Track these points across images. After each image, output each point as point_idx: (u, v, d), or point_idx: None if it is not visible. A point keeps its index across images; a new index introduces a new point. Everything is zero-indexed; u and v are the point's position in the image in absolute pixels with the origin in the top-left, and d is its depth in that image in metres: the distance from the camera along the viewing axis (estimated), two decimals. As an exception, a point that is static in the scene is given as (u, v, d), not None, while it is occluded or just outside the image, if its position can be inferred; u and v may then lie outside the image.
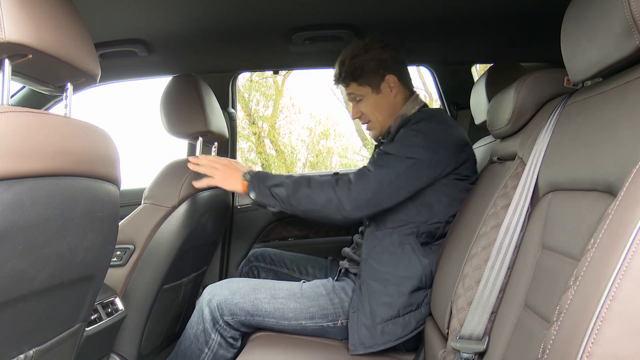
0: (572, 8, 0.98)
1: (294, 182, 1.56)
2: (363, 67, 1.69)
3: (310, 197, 1.53)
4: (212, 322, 1.59)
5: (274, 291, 1.62)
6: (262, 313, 1.59)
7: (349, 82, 1.73)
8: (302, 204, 1.54)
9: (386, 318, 1.52)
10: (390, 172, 1.51)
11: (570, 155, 0.96)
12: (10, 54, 0.87)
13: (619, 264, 0.59)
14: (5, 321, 0.90)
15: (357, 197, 1.50)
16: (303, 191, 1.54)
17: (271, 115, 10.38)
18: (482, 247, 1.22)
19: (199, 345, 1.60)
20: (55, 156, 0.90)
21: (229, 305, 1.58)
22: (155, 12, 1.66)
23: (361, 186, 1.51)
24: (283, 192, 1.55)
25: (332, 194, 1.51)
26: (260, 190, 1.58)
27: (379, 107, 1.73)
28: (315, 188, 1.53)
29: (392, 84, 1.72)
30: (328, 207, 1.52)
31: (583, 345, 0.59)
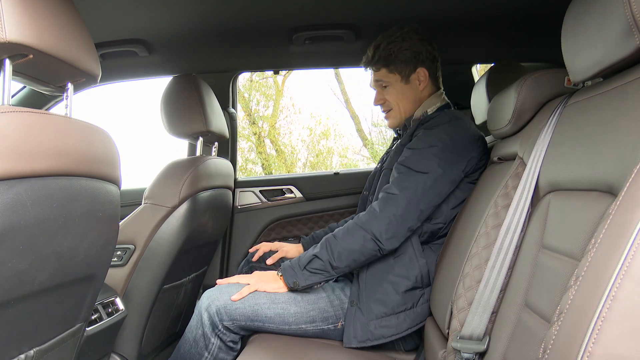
0: (572, 8, 0.98)
1: (323, 246, 1.53)
2: (397, 55, 1.69)
3: (346, 249, 1.51)
4: (211, 327, 1.58)
5: (274, 295, 1.61)
6: (262, 318, 1.58)
7: (380, 67, 1.73)
8: (343, 260, 1.51)
9: (379, 315, 1.52)
10: (417, 191, 1.51)
11: (570, 155, 0.96)
12: (11, 54, 0.88)
13: (619, 263, 0.59)
14: (6, 321, 0.90)
15: (388, 223, 1.49)
16: (336, 249, 1.51)
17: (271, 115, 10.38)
18: (482, 247, 1.22)
19: (199, 349, 1.60)
20: (56, 156, 0.90)
21: (229, 310, 1.57)
22: (155, 12, 1.66)
23: (390, 211, 1.50)
24: (320, 263, 1.53)
25: (362, 232, 1.50)
26: (300, 276, 1.55)
27: (404, 97, 1.74)
28: (346, 237, 1.51)
29: (421, 77, 1.72)
30: (367, 247, 1.49)
31: (584, 345, 0.59)
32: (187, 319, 1.95)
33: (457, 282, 1.25)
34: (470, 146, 1.58)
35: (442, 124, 1.59)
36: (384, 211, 1.50)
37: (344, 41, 1.93)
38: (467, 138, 1.59)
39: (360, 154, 10.52)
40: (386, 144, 10.33)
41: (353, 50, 2.05)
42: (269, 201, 2.44)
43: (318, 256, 1.53)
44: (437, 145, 1.54)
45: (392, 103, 1.75)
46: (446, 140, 1.55)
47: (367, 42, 1.97)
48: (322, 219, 2.41)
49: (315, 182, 2.46)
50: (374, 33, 1.90)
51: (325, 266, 1.52)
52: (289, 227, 2.43)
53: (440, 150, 1.53)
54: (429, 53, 1.73)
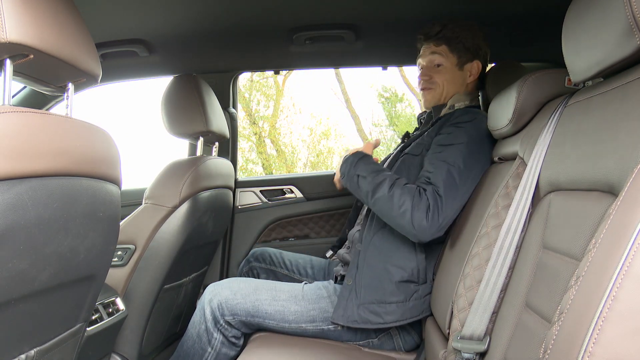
0: (573, 8, 0.98)
1: (378, 180, 1.50)
2: (462, 40, 1.71)
3: (386, 202, 1.47)
4: (213, 322, 1.59)
5: (275, 293, 1.62)
6: (263, 314, 1.59)
7: (441, 43, 1.72)
8: (377, 205, 1.50)
9: (371, 301, 1.53)
10: (460, 192, 1.48)
11: (571, 155, 0.96)
12: (11, 54, 0.88)
13: (620, 263, 0.59)
14: (7, 321, 0.90)
15: (432, 222, 1.44)
16: (382, 192, 1.48)
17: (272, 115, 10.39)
18: (483, 247, 1.22)
19: (202, 344, 1.61)
20: (57, 156, 0.90)
21: (230, 305, 1.58)
22: (155, 13, 1.66)
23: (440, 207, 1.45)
24: (366, 186, 1.52)
25: (408, 206, 1.44)
26: (349, 175, 1.57)
27: (452, 81, 1.74)
28: (395, 193, 1.46)
29: (474, 71, 1.74)
30: (402, 218, 1.45)
31: (584, 345, 0.59)
32: (187, 319, 1.95)
33: (458, 282, 1.25)
34: (488, 145, 1.58)
35: (469, 121, 1.58)
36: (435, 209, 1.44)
37: (345, 41, 1.93)
38: (486, 137, 1.58)
39: (361, 154, 10.50)
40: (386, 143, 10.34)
41: (353, 51, 2.05)
42: (270, 201, 2.44)
43: (367, 181, 1.52)
44: (464, 143, 1.53)
45: (439, 83, 1.74)
46: (470, 138, 1.55)
47: (367, 42, 1.97)
48: (323, 219, 2.42)
49: (315, 182, 2.46)
50: (374, 33, 1.90)
51: (365, 194, 1.52)
52: (289, 227, 2.43)
53: (466, 148, 1.52)
54: (485, 53, 1.76)
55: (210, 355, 1.61)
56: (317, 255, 2.13)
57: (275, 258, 2.05)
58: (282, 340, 1.58)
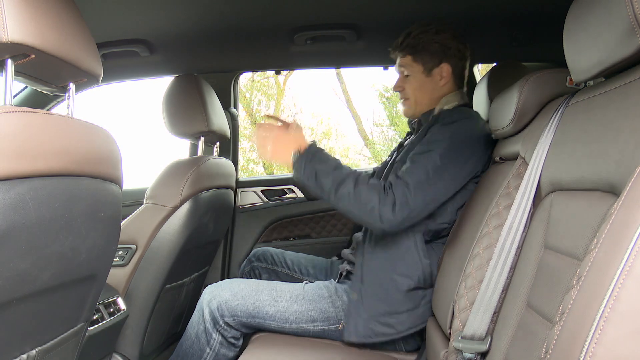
0: (574, 8, 0.98)
1: (340, 177, 1.46)
2: (424, 46, 1.67)
3: (352, 199, 1.44)
4: (212, 323, 1.59)
5: (276, 293, 1.62)
6: (263, 315, 1.59)
7: (406, 54, 1.70)
8: (342, 202, 1.45)
9: (381, 313, 1.52)
10: (429, 180, 1.46)
11: (572, 155, 0.96)
12: (13, 54, 0.88)
13: (622, 264, 0.59)
14: (8, 321, 0.90)
15: (400, 210, 1.42)
16: (347, 189, 1.44)
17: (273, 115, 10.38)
18: (484, 247, 1.22)
19: (201, 345, 1.61)
20: (58, 156, 0.90)
21: (230, 306, 1.58)
22: (156, 13, 1.66)
23: (402, 199, 1.43)
24: (328, 183, 1.46)
25: (375, 203, 1.42)
26: (306, 171, 1.48)
27: (421, 89, 1.71)
28: (361, 191, 1.44)
29: (444, 73, 1.69)
30: (369, 216, 1.43)
31: (586, 346, 0.59)
32: (188, 319, 1.95)
33: (459, 282, 1.25)
34: (478, 145, 1.55)
35: (456, 121, 1.56)
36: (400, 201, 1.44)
37: (346, 41, 1.93)
38: (474, 137, 1.56)
39: (362, 154, 10.53)
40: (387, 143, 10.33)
41: (354, 50, 2.05)
42: (271, 201, 2.44)
43: (331, 178, 1.45)
44: (445, 141, 1.51)
45: (409, 93, 1.72)
46: (453, 136, 1.52)
47: (368, 42, 1.97)
48: (324, 219, 2.41)
49: (316, 182, 2.46)
50: (375, 33, 1.90)
51: (327, 191, 1.46)
52: (290, 227, 2.43)
53: (446, 145, 1.50)
54: (458, 50, 1.70)
55: (208, 355, 1.61)
56: (318, 255, 2.12)
57: (277, 258, 2.04)
58: (283, 340, 1.58)
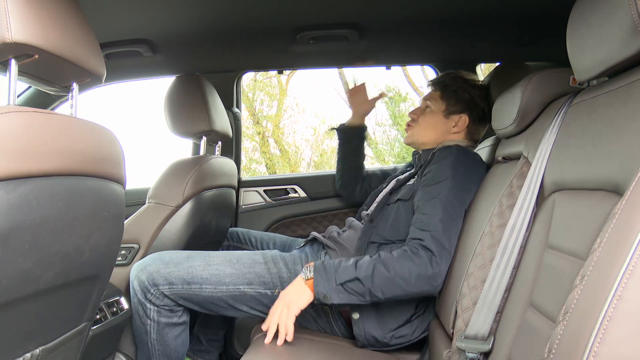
0: (578, 7, 0.98)
1: (370, 271, 1.39)
2: (457, 90, 1.75)
3: (393, 283, 1.39)
4: (143, 294, 1.56)
5: (209, 258, 1.60)
6: (199, 280, 1.56)
7: (437, 89, 1.79)
8: (386, 292, 1.39)
9: (394, 327, 1.53)
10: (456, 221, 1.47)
11: (576, 154, 0.95)
12: (16, 54, 0.88)
13: (625, 263, 0.59)
14: (12, 320, 0.90)
15: (442, 263, 1.41)
16: (383, 279, 1.39)
17: (275, 115, 10.39)
18: (487, 247, 1.22)
19: (142, 319, 1.60)
20: (61, 156, 0.91)
21: (163, 274, 1.55)
22: (159, 13, 1.66)
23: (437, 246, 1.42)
24: (360, 287, 1.40)
25: (416, 270, 1.39)
26: (334, 291, 1.40)
27: (433, 126, 1.77)
28: (396, 269, 1.39)
29: (460, 123, 1.76)
30: (418, 285, 1.39)
31: (589, 345, 0.59)
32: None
33: (462, 281, 1.25)
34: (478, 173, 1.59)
35: (450, 155, 1.59)
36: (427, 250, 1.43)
37: (348, 41, 1.92)
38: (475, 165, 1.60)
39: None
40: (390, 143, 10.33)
41: (357, 50, 2.05)
42: (273, 201, 2.44)
43: (361, 281, 1.39)
44: (448, 175, 1.53)
45: (420, 123, 1.79)
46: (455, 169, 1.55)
47: (371, 42, 1.97)
48: (326, 219, 2.41)
49: (319, 182, 2.46)
50: (378, 33, 1.90)
51: (365, 293, 1.40)
52: (292, 227, 2.43)
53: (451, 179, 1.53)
54: (483, 111, 1.77)
55: (151, 327, 1.60)
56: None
57: (242, 236, 2.08)
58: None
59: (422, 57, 2.40)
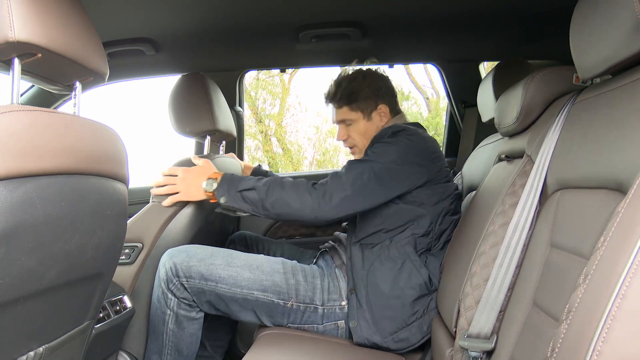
0: (580, 5, 0.98)
1: (267, 185, 1.56)
2: (359, 93, 1.74)
3: (284, 200, 1.54)
4: (166, 283, 1.58)
5: (231, 259, 1.62)
6: (216, 278, 1.58)
7: (342, 105, 1.78)
8: (276, 207, 1.55)
9: (394, 330, 1.53)
10: (363, 173, 1.54)
11: (579, 153, 0.95)
12: (19, 53, 0.88)
13: (629, 262, 0.59)
14: (15, 318, 0.90)
15: (331, 198, 1.52)
16: (276, 194, 1.54)
17: (278, 114, 10.39)
18: (490, 246, 1.21)
19: (162, 308, 1.60)
20: (64, 154, 0.91)
21: (185, 267, 1.58)
22: (162, 11, 1.66)
23: (335, 187, 1.53)
24: (255, 195, 1.56)
25: (307, 197, 1.53)
26: (230, 195, 1.58)
27: (366, 134, 1.77)
28: (290, 191, 1.54)
29: (382, 113, 1.77)
30: (303, 210, 1.53)
31: (593, 344, 0.59)
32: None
33: (465, 280, 1.25)
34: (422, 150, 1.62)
35: (395, 132, 1.62)
36: (330, 185, 1.55)
37: (351, 39, 1.92)
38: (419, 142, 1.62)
39: (367, 153, 10.46)
40: (393, 142, 10.28)
41: (360, 49, 2.05)
42: (276, 199, 2.44)
43: (257, 190, 1.56)
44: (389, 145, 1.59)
45: (356, 139, 1.80)
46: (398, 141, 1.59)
47: (373, 40, 1.97)
48: (329, 217, 2.41)
49: (321, 181, 2.46)
50: (380, 31, 1.90)
51: (258, 202, 1.56)
52: (295, 225, 2.43)
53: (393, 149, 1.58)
54: (387, 88, 1.79)
55: (170, 317, 1.60)
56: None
57: (251, 241, 2.08)
58: (288, 338, 1.58)
59: (425, 55, 2.40)
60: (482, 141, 2.03)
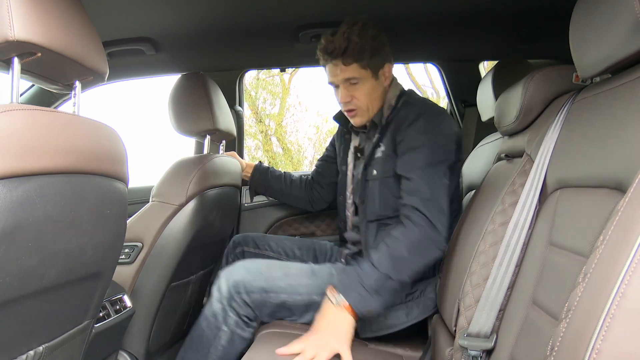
0: (580, 4, 0.98)
1: (388, 262, 1.41)
2: (370, 49, 1.61)
3: (408, 262, 1.43)
4: (228, 300, 1.60)
5: (287, 269, 1.65)
6: (276, 289, 1.61)
7: (351, 62, 1.61)
8: (412, 272, 1.43)
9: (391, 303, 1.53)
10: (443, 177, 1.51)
11: (579, 152, 0.95)
12: (19, 52, 0.88)
13: (628, 260, 0.59)
14: (15, 318, 0.90)
15: (439, 224, 1.45)
16: (404, 262, 1.42)
17: (278, 114, 10.38)
18: (489, 245, 1.21)
19: (217, 323, 1.62)
20: (64, 154, 0.91)
21: (245, 282, 1.60)
22: (162, 11, 1.66)
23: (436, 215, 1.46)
24: (390, 281, 1.40)
25: (418, 237, 1.44)
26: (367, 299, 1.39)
27: (373, 94, 1.67)
28: (407, 247, 1.43)
29: (387, 73, 1.69)
30: (426, 250, 1.44)
31: (592, 343, 0.59)
32: (194, 317, 1.95)
33: (464, 279, 1.25)
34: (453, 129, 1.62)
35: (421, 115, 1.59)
36: (429, 218, 1.46)
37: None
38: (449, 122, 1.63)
39: (367, 152, 10.46)
40: (393, 141, 10.28)
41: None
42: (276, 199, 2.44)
43: (391, 277, 1.40)
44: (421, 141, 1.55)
45: (362, 100, 1.67)
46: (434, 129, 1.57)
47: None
48: (329, 217, 2.41)
49: (322, 180, 2.45)
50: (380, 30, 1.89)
51: (395, 285, 1.41)
52: (295, 225, 2.43)
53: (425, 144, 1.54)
54: (389, 48, 1.70)
55: (224, 333, 1.62)
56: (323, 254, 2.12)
57: (259, 241, 2.05)
58: (288, 338, 1.58)
59: (424, 54, 2.40)
60: (482, 140, 2.03)
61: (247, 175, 2.21)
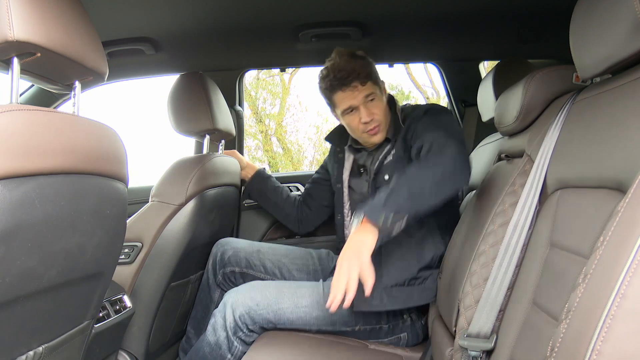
0: (580, 4, 0.97)
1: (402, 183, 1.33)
2: (372, 68, 1.70)
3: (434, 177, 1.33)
4: (234, 331, 1.60)
5: (297, 299, 1.62)
6: (285, 322, 1.61)
7: (367, 81, 1.66)
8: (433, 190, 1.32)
9: (392, 283, 1.55)
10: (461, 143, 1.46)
11: (579, 152, 0.95)
12: (19, 52, 0.88)
13: (629, 261, 0.58)
14: (15, 318, 0.90)
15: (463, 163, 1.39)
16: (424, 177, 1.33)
17: (278, 113, 10.38)
18: (490, 245, 1.21)
19: (222, 352, 1.62)
20: (64, 154, 0.91)
21: (252, 315, 1.60)
22: (162, 11, 1.66)
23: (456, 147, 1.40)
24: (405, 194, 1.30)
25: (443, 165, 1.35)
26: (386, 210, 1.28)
27: (385, 109, 1.73)
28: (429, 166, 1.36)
29: (384, 88, 1.76)
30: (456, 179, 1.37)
31: (592, 343, 0.59)
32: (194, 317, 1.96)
33: (464, 279, 1.25)
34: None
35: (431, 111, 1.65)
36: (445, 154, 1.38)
37: (351, 38, 1.92)
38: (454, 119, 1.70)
39: (367, 152, 10.46)
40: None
41: (360, 48, 2.04)
42: (276, 199, 2.44)
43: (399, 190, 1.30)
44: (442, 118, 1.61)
45: (380, 117, 1.69)
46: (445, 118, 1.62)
47: (373, 40, 1.97)
48: (330, 217, 2.41)
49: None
50: (380, 30, 1.90)
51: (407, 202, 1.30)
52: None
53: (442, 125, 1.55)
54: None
55: None
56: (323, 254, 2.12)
57: (252, 261, 1.93)
58: (288, 338, 1.58)
59: (425, 55, 2.40)
60: (482, 140, 2.03)
61: (246, 175, 2.20)
